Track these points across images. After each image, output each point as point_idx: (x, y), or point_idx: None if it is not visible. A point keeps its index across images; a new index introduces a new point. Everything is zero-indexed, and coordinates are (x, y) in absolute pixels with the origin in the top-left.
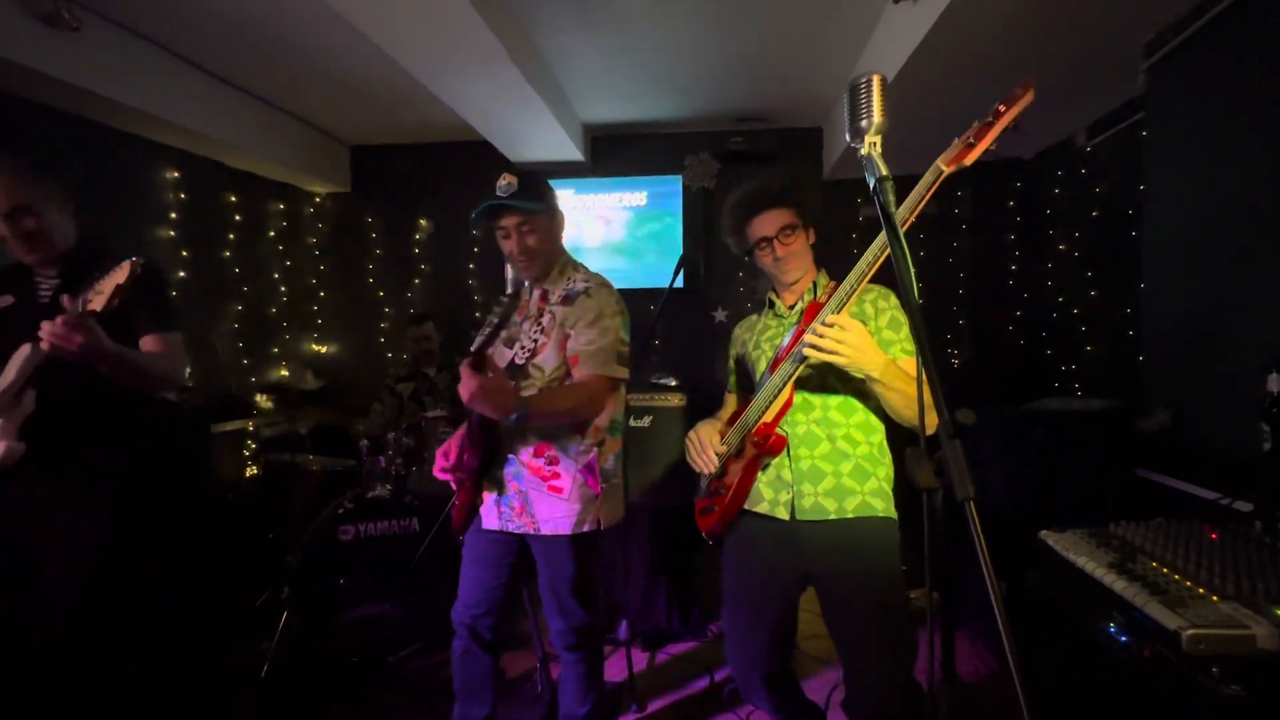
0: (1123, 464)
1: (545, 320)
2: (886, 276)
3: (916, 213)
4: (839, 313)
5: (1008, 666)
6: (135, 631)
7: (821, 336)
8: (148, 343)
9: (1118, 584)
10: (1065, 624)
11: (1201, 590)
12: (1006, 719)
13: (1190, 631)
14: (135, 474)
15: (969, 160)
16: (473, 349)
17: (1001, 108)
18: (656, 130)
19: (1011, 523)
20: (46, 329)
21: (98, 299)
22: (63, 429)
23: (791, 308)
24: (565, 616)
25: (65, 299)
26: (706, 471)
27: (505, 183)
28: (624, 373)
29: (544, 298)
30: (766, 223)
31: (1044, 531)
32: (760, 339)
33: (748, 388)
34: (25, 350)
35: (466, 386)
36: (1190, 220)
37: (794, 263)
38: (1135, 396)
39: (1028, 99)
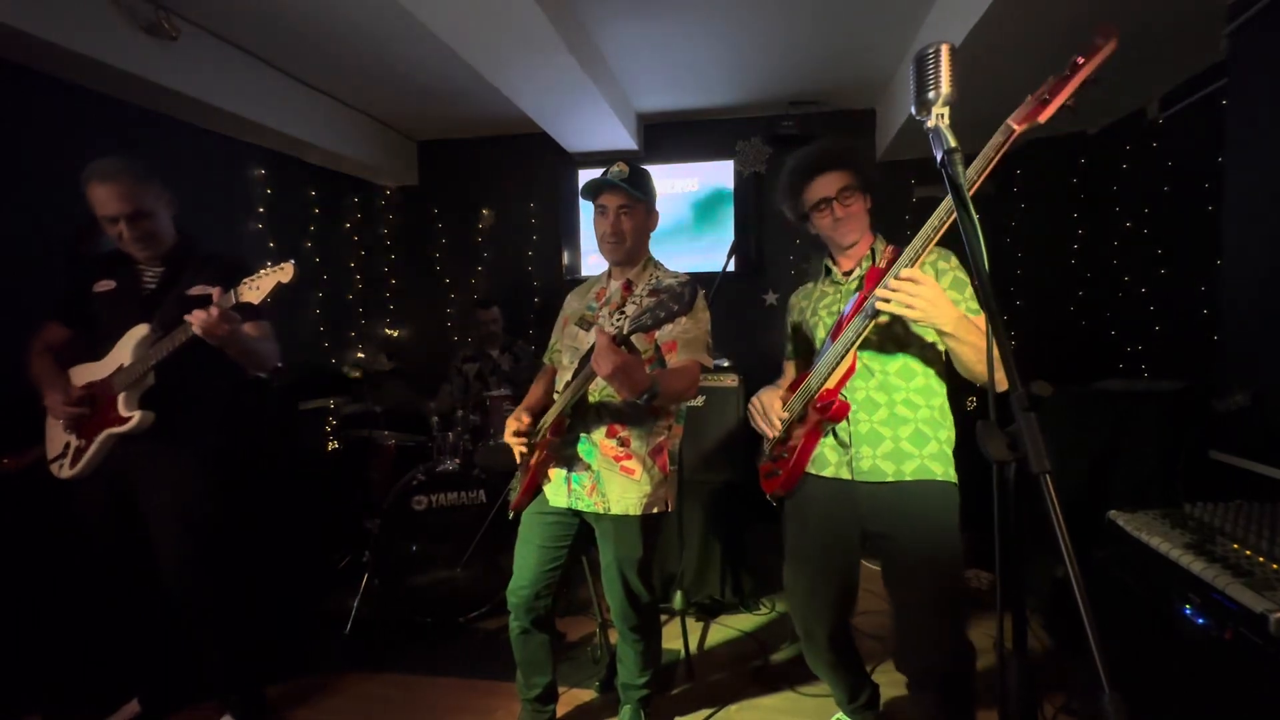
0: (1194, 445)
1: (630, 310)
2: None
3: (985, 174)
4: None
5: (1063, 642)
6: (233, 576)
7: (895, 290)
8: (248, 329)
9: (1196, 565)
10: (1135, 604)
11: None
12: (1060, 692)
13: (1279, 615)
14: (228, 438)
15: (1043, 118)
16: (626, 330)
17: (1080, 60)
18: (708, 116)
19: (1073, 502)
20: (199, 317)
21: (254, 294)
22: (173, 399)
23: (848, 274)
24: (630, 596)
25: (216, 292)
26: (769, 435)
27: (618, 168)
28: (711, 362)
29: (628, 287)
30: (827, 184)
31: (1113, 511)
32: (818, 306)
33: (806, 354)
34: (141, 331)
35: (609, 360)
36: (1275, 192)
37: (852, 224)
38: (1208, 376)
39: (1109, 49)
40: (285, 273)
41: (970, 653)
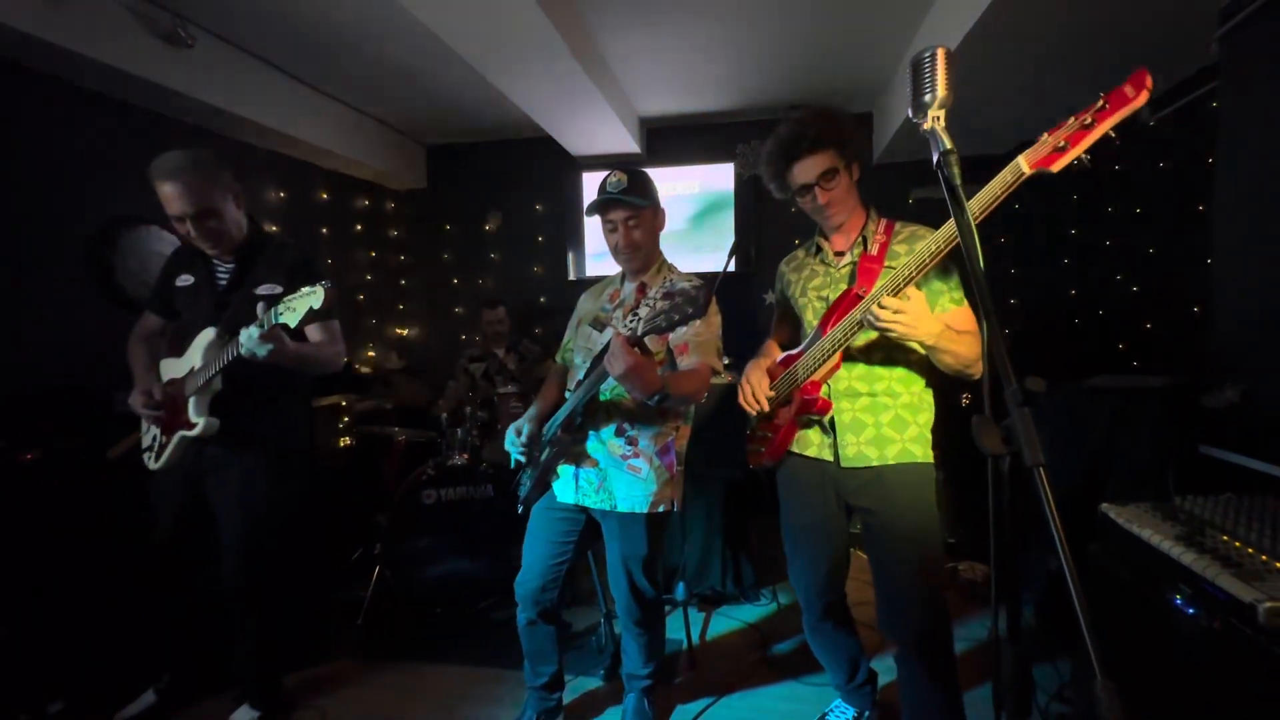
0: (1185, 440)
1: (644, 312)
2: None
3: (989, 211)
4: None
5: (1056, 632)
6: (286, 570)
7: (883, 308)
8: (312, 331)
9: (1186, 556)
10: (1126, 596)
11: (1278, 564)
12: (1054, 680)
13: (1268, 604)
14: (282, 441)
15: (1056, 167)
16: (640, 332)
17: (1104, 106)
18: (709, 120)
19: (1066, 496)
20: (242, 340)
21: (290, 315)
22: (236, 404)
23: (839, 254)
24: (634, 593)
25: (260, 309)
26: (752, 414)
27: (615, 179)
28: (722, 366)
29: (642, 290)
30: (806, 170)
31: (1105, 504)
32: (807, 286)
33: (793, 325)
34: (209, 335)
35: (623, 361)
36: (1265, 193)
37: (838, 207)
38: (1199, 373)
39: (1139, 102)
40: (316, 296)
41: (946, 612)
